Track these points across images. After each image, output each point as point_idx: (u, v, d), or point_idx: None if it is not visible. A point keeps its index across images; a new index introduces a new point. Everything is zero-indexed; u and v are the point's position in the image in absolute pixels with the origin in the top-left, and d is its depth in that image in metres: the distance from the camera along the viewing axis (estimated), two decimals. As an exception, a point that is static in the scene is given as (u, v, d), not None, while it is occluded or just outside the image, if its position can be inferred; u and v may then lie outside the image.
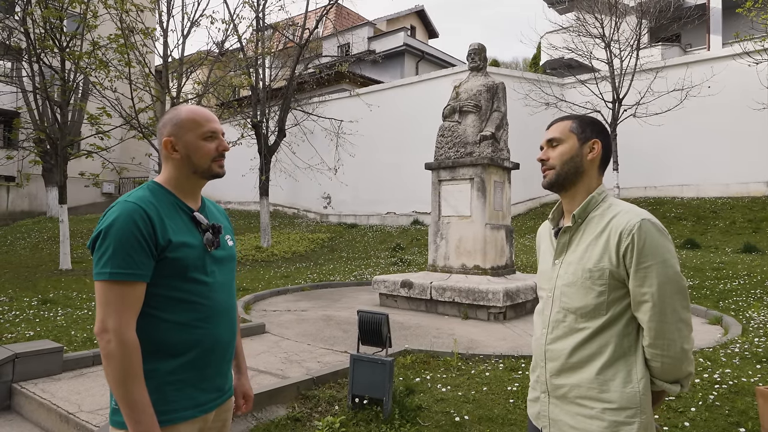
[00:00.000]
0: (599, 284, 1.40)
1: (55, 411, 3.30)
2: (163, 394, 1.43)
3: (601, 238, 1.42)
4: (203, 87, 13.21)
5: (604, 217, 1.45)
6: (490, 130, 7.55)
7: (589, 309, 1.42)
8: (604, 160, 1.55)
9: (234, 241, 1.74)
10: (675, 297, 1.34)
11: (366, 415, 3.30)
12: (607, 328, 1.40)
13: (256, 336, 5.52)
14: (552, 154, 1.53)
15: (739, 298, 7.21)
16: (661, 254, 1.34)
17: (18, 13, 11.69)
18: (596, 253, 1.42)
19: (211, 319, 1.52)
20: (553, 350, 1.49)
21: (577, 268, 1.45)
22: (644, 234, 1.35)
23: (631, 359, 1.40)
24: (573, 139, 1.52)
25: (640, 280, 1.35)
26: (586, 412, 1.41)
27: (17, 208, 22.19)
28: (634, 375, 1.38)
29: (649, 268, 1.34)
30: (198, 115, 1.57)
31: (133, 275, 1.38)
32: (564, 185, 1.53)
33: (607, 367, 1.39)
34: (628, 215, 1.40)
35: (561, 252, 1.53)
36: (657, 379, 1.40)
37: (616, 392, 1.37)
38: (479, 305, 6.63)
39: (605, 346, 1.40)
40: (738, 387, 3.74)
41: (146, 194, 1.50)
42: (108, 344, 1.35)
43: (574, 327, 1.45)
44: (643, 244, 1.34)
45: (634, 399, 1.36)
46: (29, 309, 6.83)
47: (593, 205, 1.50)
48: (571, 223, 1.51)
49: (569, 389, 1.44)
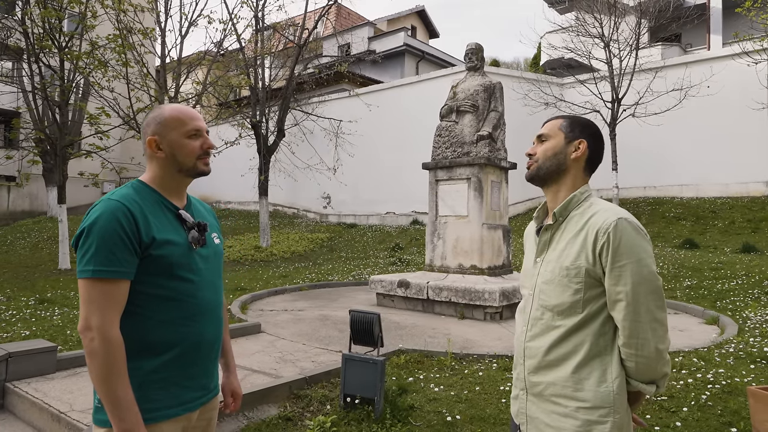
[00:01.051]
0: (575, 282, 1.41)
1: (47, 410, 3.30)
2: (146, 391, 1.42)
3: (579, 237, 1.43)
4: (202, 87, 13.22)
5: (583, 216, 1.46)
6: (487, 130, 7.55)
7: (565, 307, 1.43)
8: (591, 161, 1.55)
9: (221, 239, 1.74)
10: (649, 297, 1.34)
11: (357, 415, 3.30)
12: (582, 327, 1.41)
13: (252, 336, 5.52)
14: (538, 149, 1.57)
15: (737, 298, 7.20)
16: (636, 253, 1.35)
17: (17, 13, 11.71)
18: (574, 251, 1.43)
19: (196, 317, 1.52)
20: (531, 347, 1.50)
21: (555, 266, 1.46)
22: (620, 233, 1.35)
23: (607, 359, 1.40)
24: (560, 136, 1.54)
25: (615, 279, 1.35)
26: (561, 410, 1.41)
27: (18, 208, 22.21)
28: (609, 374, 1.38)
29: (624, 267, 1.34)
30: (182, 113, 1.57)
31: (116, 273, 1.38)
32: (545, 180, 1.55)
33: (582, 366, 1.40)
34: (605, 214, 1.41)
35: (542, 250, 1.54)
36: (632, 379, 1.40)
37: (590, 391, 1.38)
38: (476, 305, 6.63)
39: (581, 345, 1.41)
40: (731, 387, 3.73)
41: (130, 192, 1.50)
42: (91, 342, 1.35)
43: (550, 324, 1.46)
44: (618, 243, 1.35)
45: (607, 398, 1.37)
46: (26, 308, 6.85)
47: (575, 203, 1.50)
48: (552, 221, 1.52)
49: (545, 387, 1.45)
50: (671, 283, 8.49)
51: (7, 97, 19.13)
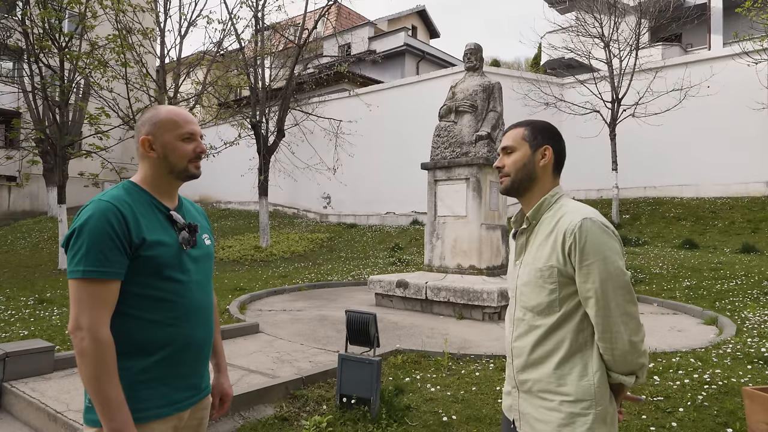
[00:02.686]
0: (550, 282, 1.47)
1: (43, 410, 3.31)
2: (136, 391, 1.43)
3: (550, 238, 1.49)
4: (201, 87, 13.23)
5: (553, 218, 1.52)
6: (486, 130, 7.55)
7: (543, 307, 1.49)
8: (557, 163, 1.61)
9: (212, 240, 1.75)
10: (617, 292, 1.39)
11: (353, 415, 3.30)
12: (561, 325, 1.47)
13: (250, 336, 5.53)
14: (507, 162, 1.61)
15: (736, 299, 7.19)
16: (601, 252, 1.40)
17: (17, 13, 11.73)
18: (545, 253, 1.49)
19: (186, 317, 1.52)
20: (517, 347, 1.57)
21: (531, 268, 1.52)
22: (585, 233, 1.41)
23: (587, 353, 1.46)
24: (525, 146, 1.58)
25: (584, 277, 1.41)
26: (547, 404, 1.48)
27: (18, 208, 22.24)
28: (590, 369, 1.44)
29: (591, 265, 1.40)
30: (177, 115, 1.58)
31: (106, 273, 1.38)
32: (519, 191, 1.61)
33: (564, 362, 1.46)
34: (571, 215, 1.46)
35: (520, 253, 1.61)
36: (612, 372, 1.46)
37: (572, 385, 1.44)
38: (474, 305, 6.63)
39: (561, 342, 1.47)
40: (728, 387, 3.73)
41: (121, 193, 1.50)
42: (81, 342, 1.36)
43: (532, 324, 1.52)
44: (584, 243, 1.40)
45: (588, 391, 1.43)
46: (25, 308, 6.86)
47: (546, 206, 1.56)
48: (525, 225, 1.58)
49: (532, 384, 1.51)
50: (670, 283, 8.49)
51: (7, 97, 19.17)
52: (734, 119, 13.97)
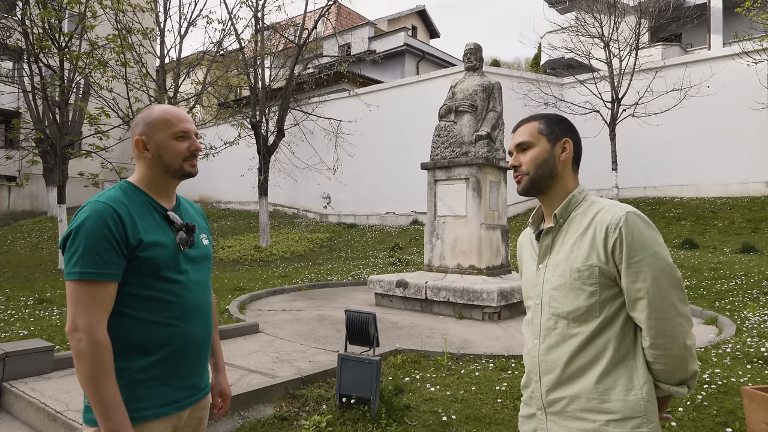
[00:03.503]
0: (589, 284, 1.33)
1: (43, 410, 3.31)
2: (134, 391, 1.43)
3: (587, 235, 1.36)
4: (201, 87, 13.23)
5: (587, 215, 1.39)
6: (485, 130, 7.55)
7: (581, 312, 1.34)
8: (576, 158, 1.49)
9: (210, 239, 1.75)
10: (671, 290, 1.27)
11: (353, 415, 3.30)
12: (602, 332, 1.33)
13: (250, 335, 5.53)
14: (524, 159, 1.47)
15: (736, 299, 7.19)
16: (651, 246, 1.29)
17: (17, 13, 11.73)
18: (583, 251, 1.35)
19: (184, 317, 1.52)
20: (548, 361, 1.40)
21: (564, 269, 1.38)
22: (632, 227, 1.29)
23: (632, 363, 1.32)
24: (543, 140, 1.46)
25: (633, 276, 1.28)
26: (588, 426, 1.31)
27: (18, 208, 22.24)
28: (636, 380, 1.30)
29: (641, 262, 1.27)
30: (170, 114, 1.57)
31: (103, 275, 1.38)
32: (541, 189, 1.47)
33: (606, 374, 1.31)
34: (612, 210, 1.35)
35: (545, 255, 1.46)
36: (661, 383, 1.32)
37: (618, 401, 1.29)
38: (474, 305, 6.63)
39: (603, 352, 1.32)
40: (727, 387, 3.73)
41: (118, 194, 1.50)
42: (78, 343, 1.36)
43: (567, 333, 1.37)
44: (632, 238, 1.28)
45: (638, 407, 1.28)
46: (25, 308, 6.86)
47: (574, 203, 1.44)
48: (553, 224, 1.44)
49: (568, 402, 1.35)
50: (670, 283, 8.48)
51: (7, 97, 19.16)
52: (734, 119, 13.97)
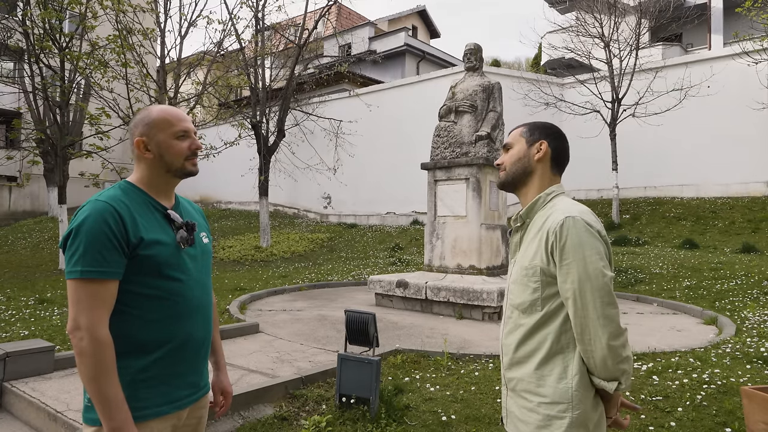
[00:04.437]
0: (533, 281, 1.47)
1: (44, 410, 3.32)
2: (135, 390, 1.44)
3: (537, 237, 1.49)
4: (202, 87, 13.24)
5: (544, 217, 1.51)
6: (485, 130, 7.55)
7: (526, 305, 1.49)
8: (556, 160, 1.60)
9: (210, 238, 1.75)
10: (595, 293, 1.35)
11: (353, 415, 3.31)
12: (544, 325, 1.45)
13: (250, 335, 5.53)
14: (506, 158, 1.64)
15: (736, 299, 7.19)
16: (581, 251, 1.37)
17: (18, 14, 11.74)
18: (531, 251, 1.49)
19: (184, 316, 1.53)
20: (505, 345, 1.58)
21: (518, 266, 1.54)
22: (565, 231, 1.39)
23: (569, 356, 1.43)
24: (522, 142, 1.61)
25: (564, 276, 1.39)
26: (527, 404, 1.47)
27: (19, 208, 22.26)
28: (570, 371, 1.42)
29: (570, 264, 1.38)
30: (169, 114, 1.58)
31: (104, 273, 1.39)
32: (515, 184, 1.62)
33: (544, 363, 1.45)
34: (557, 214, 1.45)
35: (514, 251, 1.61)
36: (593, 377, 1.42)
37: (550, 387, 1.43)
38: (474, 305, 6.63)
39: (543, 342, 1.45)
40: (727, 387, 3.73)
41: (118, 193, 1.51)
42: (80, 342, 1.36)
43: (517, 323, 1.52)
44: (564, 242, 1.39)
45: (566, 394, 1.41)
46: (26, 308, 6.87)
47: (540, 204, 1.55)
48: (520, 224, 1.59)
49: (516, 382, 1.52)
50: (670, 283, 8.49)
51: (8, 97, 19.17)
52: (734, 119, 13.97)
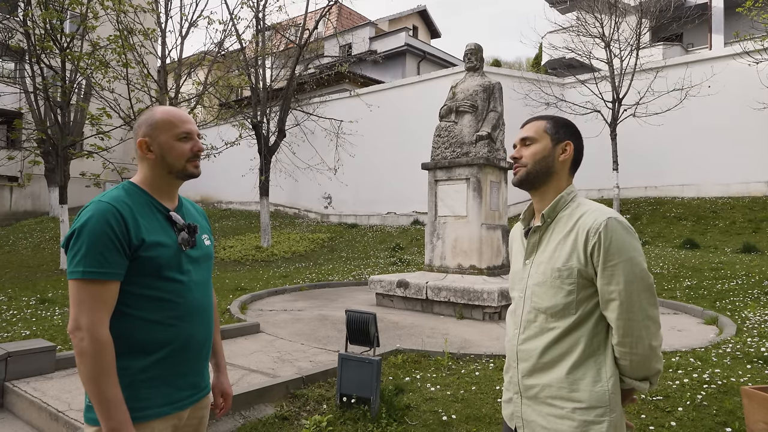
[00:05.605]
0: (568, 283, 1.42)
1: (45, 409, 3.33)
2: (135, 391, 1.44)
3: (570, 237, 1.44)
4: (202, 87, 13.26)
5: (572, 217, 1.46)
6: (486, 130, 7.56)
7: (558, 308, 1.43)
8: (575, 162, 1.56)
9: (211, 240, 1.76)
10: (642, 295, 1.35)
11: (353, 414, 3.31)
12: (576, 328, 1.42)
13: (251, 335, 5.54)
14: (525, 153, 1.55)
15: (737, 298, 7.19)
16: (627, 252, 1.36)
17: (19, 14, 11.75)
18: (565, 252, 1.43)
19: (185, 317, 1.54)
20: (525, 350, 1.50)
21: (546, 267, 1.47)
22: (610, 232, 1.36)
23: (601, 358, 1.41)
24: (546, 139, 1.54)
25: (608, 278, 1.36)
26: (557, 412, 1.42)
27: (20, 208, 22.29)
28: (604, 374, 1.40)
29: (616, 266, 1.35)
30: (173, 116, 1.59)
31: (105, 274, 1.39)
32: (534, 184, 1.55)
33: (576, 367, 1.41)
34: (594, 214, 1.42)
35: (531, 252, 1.54)
36: (626, 377, 1.42)
37: (585, 391, 1.39)
38: (474, 305, 6.64)
39: (575, 346, 1.41)
40: (727, 387, 3.74)
41: (120, 194, 1.51)
42: (81, 342, 1.37)
43: (544, 327, 1.46)
44: (609, 243, 1.36)
45: (603, 398, 1.38)
46: (27, 308, 6.88)
47: (562, 204, 1.51)
48: (540, 223, 1.52)
49: (540, 389, 1.45)
50: (671, 283, 8.49)
51: (9, 97, 19.19)
52: (735, 119, 13.96)
